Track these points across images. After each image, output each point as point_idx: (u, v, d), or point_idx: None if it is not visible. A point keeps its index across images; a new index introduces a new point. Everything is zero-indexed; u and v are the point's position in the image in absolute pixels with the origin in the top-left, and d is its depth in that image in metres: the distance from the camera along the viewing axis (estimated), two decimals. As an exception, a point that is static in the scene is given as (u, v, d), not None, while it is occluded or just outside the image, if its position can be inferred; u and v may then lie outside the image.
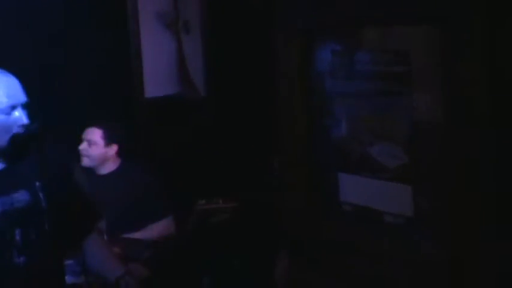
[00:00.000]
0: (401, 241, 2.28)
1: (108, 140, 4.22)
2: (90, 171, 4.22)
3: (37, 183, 2.70)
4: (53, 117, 2.88)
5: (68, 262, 3.00)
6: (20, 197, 2.68)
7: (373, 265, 2.35)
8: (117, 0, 5.45)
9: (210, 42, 5.50)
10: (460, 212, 2.08)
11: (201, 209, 2.71)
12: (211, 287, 4.26)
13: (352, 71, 2.41)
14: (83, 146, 4.17)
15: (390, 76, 2.26)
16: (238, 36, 5.03)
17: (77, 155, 4.22)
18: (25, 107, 2.66)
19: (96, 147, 4.19)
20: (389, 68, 2.26)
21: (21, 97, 2.65)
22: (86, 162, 4.17)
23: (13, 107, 2.62)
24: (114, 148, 4.24)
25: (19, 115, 2.62)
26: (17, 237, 2.65)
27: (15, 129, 2.62)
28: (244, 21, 4.94)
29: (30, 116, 2.66)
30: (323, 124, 2.50)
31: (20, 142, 2.65)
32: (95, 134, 4.21)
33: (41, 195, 2.70)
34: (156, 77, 5.60)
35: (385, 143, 2.31)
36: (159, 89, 5.60)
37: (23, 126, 2.63)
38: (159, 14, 5.57)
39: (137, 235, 4.11)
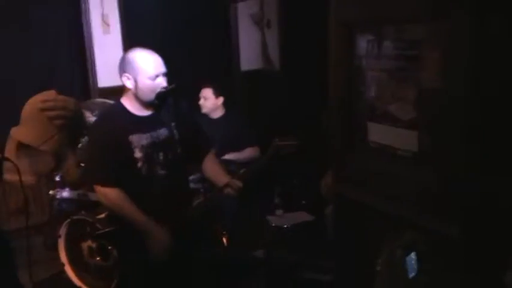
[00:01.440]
0: (410, 167, 2.22)
1: (216, 93, 4.29)
2: (205, 116, 4.30)
3: (172, 124, 2.76)
4: (182, 82, 2.90)
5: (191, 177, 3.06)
6: (162, 132, 2.75)
7: (390, 184, 2.31)
8: (223, 7, 5.46)
9: (284, 34, 5.46)
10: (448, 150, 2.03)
11: (276, 144, 2.72)
12: (281, 194, 4.35)
13: (379, 53, 2.34)
14: (201, 101, 4.27)
15: (405, 58, 2.20)
16: (304, 29, 4.99)
17: (197, 106, 4.30)
18: (165, 75, 2.70)
19: (209, 100, 4.27)
20: (405, 52, 2.20)
21: (162, 68, 2.69)
22: (203, 110, 4.27)
23: (157, 75, 2.66)
24: (220, 99, 4.31)
25: (161, 80, 2.67)
26: (160, 158, 2.73)
27: (158, 90, 2.67)
28: (308, 19, 4.89)
29: (168, 81, 2.71)
30: (359, 89, 2.44)
31: (161, 98, 2.71)
32: (207, 91, 4.28)
33: (175, 131, 2.76)
34: (248, 57, 5.61)
35: (400, 102, 2.25)
36: (250, 64, 5.62)
37: (163, 87, 2.68)
38: (250, 15, 5.54)
39: (233, 156, 4.19)
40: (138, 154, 2.66)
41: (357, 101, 2.46)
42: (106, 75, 4.95)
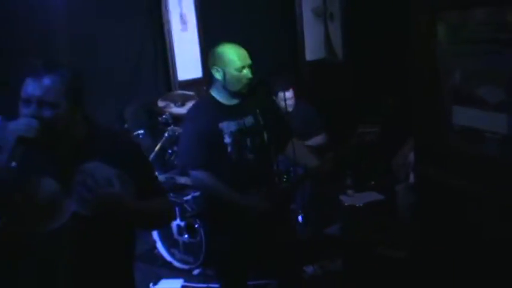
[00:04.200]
0: (499, 149, 2.05)
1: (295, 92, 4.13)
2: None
3: (257, 111, 2.67)
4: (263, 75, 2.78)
5: (280, 158, 2.92)
6: (249, 119, 2.65)
7: (477, 166, 2.14)
8: (288, 2, 5.33)
9: (346, 26, 5.30)
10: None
11: (360, 132, 2.59)
12: (352, 175, 4.21)
13: (464, 38, 2.16)
14: (284, 102, 4.01)
15: (496, 41, 2.00)
16: (366, 22, 4.81)
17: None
18: (250, 67, 2.61)
19: (292, 100, 4.11)
20: (496, 35, 2.00)
21: (248, 61, 2.60)
22: (289, 109, 4.06)
23: (243, 67, 2.57)
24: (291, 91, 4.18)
25: (247, 72, 2.58)
26: (248, 143, 2.63)
27: (244, 80, 2.59)
28: (371, 11, 4.70)
29: (252, 72, 2.61)
30: (445, 76, 2.26)
31: (248, 87, 2.62)
32: (291, 93, 4.12)
33: (260, 118, 2.67)
34: (312, 48, 5.47)
35: (489, 86, 2.06)
36: (314, 55, 5.47)
37: (248, 78, 2.59)
38: (314, 8, 5.39)
39: (306, 143, 4.05)
40: (227, 140, 2.59)
41: (441, 86, 2.28)
42: (185, 69, 4.92)
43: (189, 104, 4.37)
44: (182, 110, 4.29)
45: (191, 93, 4.55)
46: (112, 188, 1.57)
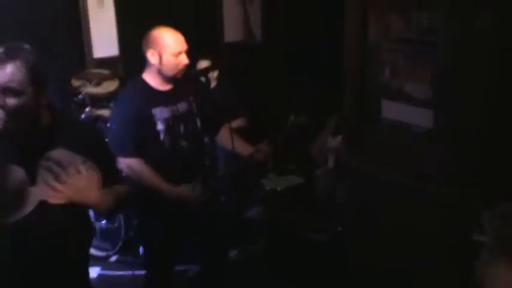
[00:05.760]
0: (425, 142, 2.22)
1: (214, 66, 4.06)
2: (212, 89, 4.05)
3: (191, 97, 2.66)
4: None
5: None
6: (182, 106, 2.63)
7: (402, 158, 2.30)
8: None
9: (265, 10, 5.38)
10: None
11: (293, 120, 2.68)
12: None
13: (395, 36, 2.29)
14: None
15: (422, 41, 2.16)
16: (283, 6, 4.93)
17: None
18: (186, 52, 2.58)
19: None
20: (422, 37, 2.15)
21: (185, 46, 2.57)
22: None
23: (180, 52, 2.54)
24: (216, 72, 4.11)
25: (183, 57, 2.55)
26: (181, 130, 2.62)
27: (180, 66, 2.56)
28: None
29: (188, 57, 2.59)
30: (373, 69, 2.39)
31: (181, 72, 2.59)
32: (205, 64, 4.04)
33: (193, 104, 2.66)
34: (232, 30, 5.48)
35: (416, 82, 2.22)
36: (233, 37, 5.48)
37: (185, 64, 2.57)
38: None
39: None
40: (160, 127, 2.54)
41: (371, 79, 2.41)
42: (100, 47, 4.71)
43: (106, 84, 4.21)
44: (99, 90, 4.13)
45: (107, 71, 4.38)
46: (80, 175, 1.55)
